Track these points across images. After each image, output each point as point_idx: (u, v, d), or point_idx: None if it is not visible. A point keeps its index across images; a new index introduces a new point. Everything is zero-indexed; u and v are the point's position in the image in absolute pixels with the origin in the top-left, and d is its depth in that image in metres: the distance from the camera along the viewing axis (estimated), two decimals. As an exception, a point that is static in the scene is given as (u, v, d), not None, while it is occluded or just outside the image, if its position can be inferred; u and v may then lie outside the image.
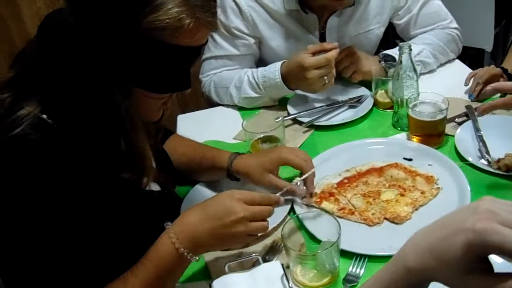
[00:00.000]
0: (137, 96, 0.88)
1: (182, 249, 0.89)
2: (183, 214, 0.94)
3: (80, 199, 0.86)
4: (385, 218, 1.11)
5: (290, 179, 1.18)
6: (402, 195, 1.15)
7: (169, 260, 0.89)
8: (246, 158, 1.20)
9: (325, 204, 1.16)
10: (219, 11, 1.52)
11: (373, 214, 1.12)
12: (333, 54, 1.39)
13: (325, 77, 1.41)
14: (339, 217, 1.11)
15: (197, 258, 0.91)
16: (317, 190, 1.20)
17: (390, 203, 1.13)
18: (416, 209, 1.12)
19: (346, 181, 1.22)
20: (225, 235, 0.91)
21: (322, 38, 1.60)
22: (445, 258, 0.53)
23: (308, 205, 1.16)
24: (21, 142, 0.83)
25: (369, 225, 1.10)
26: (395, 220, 1.09)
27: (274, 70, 1.48)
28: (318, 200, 1.18)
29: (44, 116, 0.87)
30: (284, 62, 1.49)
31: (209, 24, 0.87)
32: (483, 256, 0.51)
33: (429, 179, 1.18)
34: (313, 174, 1.17)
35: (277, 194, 1.02)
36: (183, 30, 0.83)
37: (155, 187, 1.08)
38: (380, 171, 1.23)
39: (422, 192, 1.15)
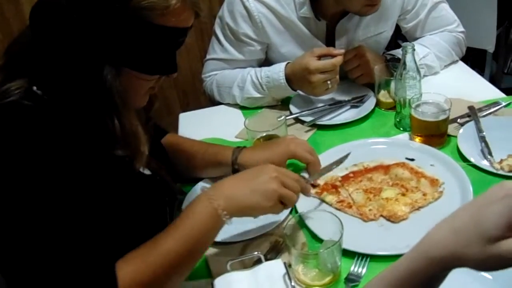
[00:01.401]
0: (127, 77, 0.90)
1: (217, 206, 0.91)
2: (219, 181, 0.98)
3: (74, 169, 0.85)
4: (382, 216, 1.11)
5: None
6: (403, 194, 1.15)
7: (205, 217, 0.91)
8: (251, 152, 1.21)
9: (325, 195, 1.17)
10: (228, 16, 1.53)
11: (370, 210, 1.12)
12: (339, 60, 1.39)
13: (329, 82, 1.41)
14: (337, 209, 1.12)
15: (230, 219, 0.93)
16: (321, 182, 1.21)
17: (390, 201, 1.13)
18: (417, 210, 1.11)
19: (351, 175, 1.23)
20: (259, 189, 0.95)
21: (331, 43, 1.59)
22: (480, 231, 0.56)
23: (308, 196, 1.14)
24: (13, 107, 0.85)
25: (364, 220, 1.10)
26: (391, 219, 1.09)
27: (278, 71, 1.48)
28: (319, 191, 1.18)
29: (35, 87, 0.89)
30: (288, 63, 1.48)
31: (194, 6, 0.91)
32: None
33: (434, 182, 1.17)
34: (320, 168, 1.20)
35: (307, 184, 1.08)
36: (170, 10, 0.86)
37: (147, 173, 1.08)
38: (386, 169, 1.24)
39: (424, 194, 1.15)
